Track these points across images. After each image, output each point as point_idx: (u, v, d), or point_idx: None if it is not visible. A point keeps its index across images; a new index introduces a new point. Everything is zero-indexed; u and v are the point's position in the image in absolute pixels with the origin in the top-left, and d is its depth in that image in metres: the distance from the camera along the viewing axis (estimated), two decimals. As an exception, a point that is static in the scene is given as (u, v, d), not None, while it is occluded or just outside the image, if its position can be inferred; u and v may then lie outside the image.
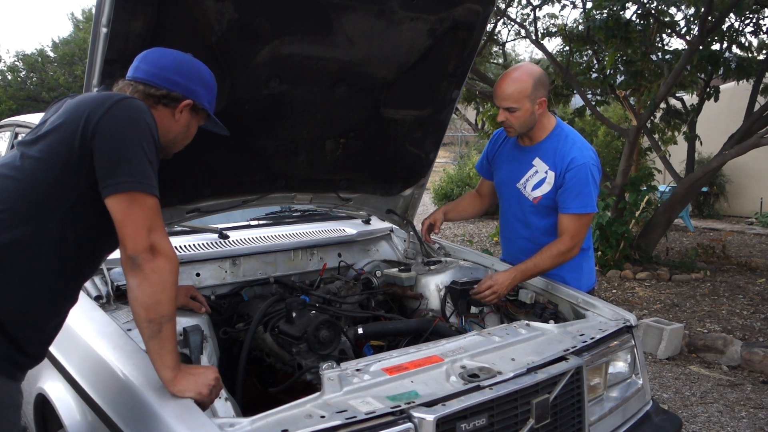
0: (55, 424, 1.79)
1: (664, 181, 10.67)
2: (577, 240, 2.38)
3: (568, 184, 2.36)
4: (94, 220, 1.45)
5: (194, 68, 1.61)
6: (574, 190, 2.35)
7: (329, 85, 2.29)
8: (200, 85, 1.61)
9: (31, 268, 1.39)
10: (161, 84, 1.54)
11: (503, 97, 2.36)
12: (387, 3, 2.10)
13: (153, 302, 1.36)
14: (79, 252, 1.47)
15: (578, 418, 1.82)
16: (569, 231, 2.37)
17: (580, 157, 2.36)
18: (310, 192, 2.70)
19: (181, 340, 1.87)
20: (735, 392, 3.81)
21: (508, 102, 2.34)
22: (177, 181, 2.23)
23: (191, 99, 1.58)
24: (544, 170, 2.43)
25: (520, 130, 2.43)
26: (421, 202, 3.23)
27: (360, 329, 2.19)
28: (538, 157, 2.45)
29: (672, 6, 6.96)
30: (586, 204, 2.35)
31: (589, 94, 8.54)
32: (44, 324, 1.47)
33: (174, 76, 1.56)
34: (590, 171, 2.36)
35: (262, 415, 1.38)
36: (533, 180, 2.46)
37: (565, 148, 2.40)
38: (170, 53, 1.59)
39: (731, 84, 8.45)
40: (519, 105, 2.33)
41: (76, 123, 1.40)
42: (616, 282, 6.26)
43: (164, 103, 1.55)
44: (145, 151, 1.40)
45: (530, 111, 2.36)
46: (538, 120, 2.41)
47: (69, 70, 19.03)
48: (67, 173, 1.40)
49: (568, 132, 2.47)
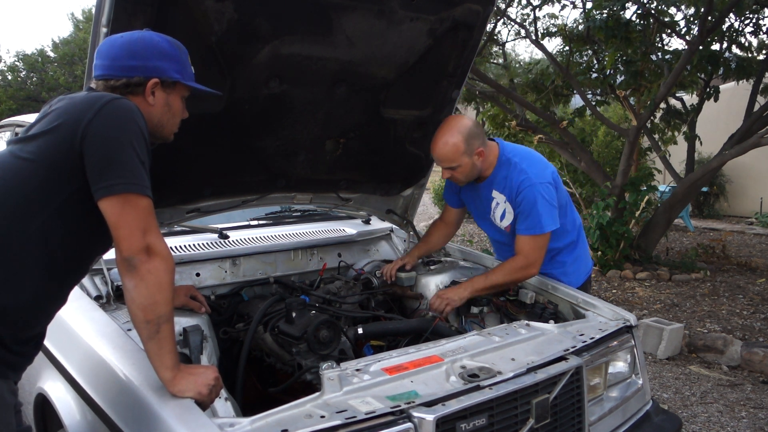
0: (55, 424, 1.79)
1: (664, 181, 10.67)
2: (533, 259, 2.37)
3: (519, 208, 2.39)
4: (79, 224, 1.44)
5: (148, 45, 1.52)
6: (523, 213, 2.38)
7: (329, 85, 2.29)
8: (160, 59, 1.53)
9: (13, 268, 1.38)
10: (118, 74, 1.49)
11: (440, 159, 2.39)
12: (387, 3, 2.10)
13: (150, 303, 1.35)
14: (65, 255, 1.45)
15: (578, 418, 1.82)
16: (523, 251, 2.38)
17: (525, 180, 2.36)
18: (310, 192, 2.70)
19: (181, 340, 1.87)
20: (735, 392, 3.81)
21: (447, 163, 2.37)
22: (177, 181, 2.23)
23: (156, 77, 1.52)
24: (503, 200, 2.46)
25: (468, 180, 2.46)
26: (421, 202, 3.24)
27: (360, 329, 2.19)
28: (495, 189, 2.48)
29: (672, 6, 6.96)
30: (534, 225, 2.34)
31: (589, 94, 8.55)
32: (30, 324, 1.45)
33: (128, 61, 1.50)
34: (537, 191, 2.34)
35: (262, 415, 1.38)
36: (497, 211, 2.50)
37: (512, 175, 2.40)
38: (119, 39, 1.52)
39: (731, 84, 8.45)
40: (458, 163, 2.35)
41: (67, 126, 1.38)
42: (616, 282, 6.26)
43: (130, 91, 1.50)
44: (136, 151, 1.38)
45: (470, 164, 2.37)
46: (481, 163, 2.41)
47: (69, 70, 19.05)
48: (54, 175, 1.39)
49: (512, 155, 2.44)
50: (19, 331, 1.43)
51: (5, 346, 1.40)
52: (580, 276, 2.63)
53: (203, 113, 2.07)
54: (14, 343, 1.42)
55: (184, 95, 1.63)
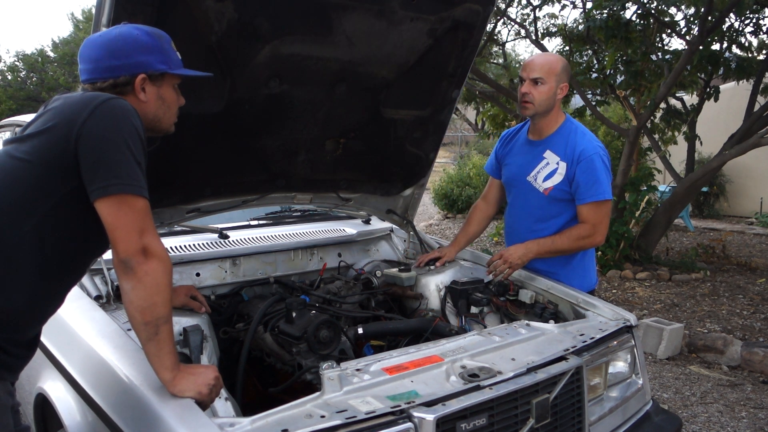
0: (55, 424, 1.79)
1: (664, 181, 10.66)
2: (600, 228, 2.40)
3: (582, 175, 2.39)
4: (75, 225, 1.43)
5: (128, 41, 1.49)
6: (587, 180, 2.38)
7: (329, 85, 2.29)
8: (142, 53, 1.49)
9: (8, 269, 1.37)
10: (104, 76, 1.48)
11: (532, 68, 2.41)
12: (387, 3, 2.10)
13: (148, 305, 1.34)
14: (60, 256, 1.44)
15: (578, 418, 1.82)
16: (589, 219, 2.39)
17: (590, 148, 2.41)
18: (310, 192, 2.70)
19: (181, 340, 1.87)
20: (735, 392, 3.81)
21: (537, 72, 2.39)
22: (177, 181, 2.23)
23: (141, 72, 1.49)
24: (555, 161, 2.46)
25: (538, 109, 2.44)
26: (421, 202, 3.23)
27: (360, 329, 2.19)
28: (549, 150, 2.49)
29: (672, 6, 6.96)
30: (599, 191, 2.38)
31: (589, 94, 8.54)
32: (24, 325, 1.44)
33: (110, 61, 1.47)
34: (600, 159, 2.40)
35: (262, 415, 1.38)
36: (544, 171, 2.48)
37: (575, 139, 2.45)
38: (97, 39, 1.50)
39: (731, 84, 8.45)
40: (546, 78, 2.38)
41: (62, 126, 1.37)
42: (616, 282, 6.26)
43: (119, 91, 1.48)
44: (132, 151, 1.37)
45: (553, 90, 2.41)
46: (554, 108, 2.46)
47: (69, 70, 19.07)
48: (49, 175, 1.38)
49: (578, 125, 2.53)
50: (14, 333, 1.42)
51: (4, 350, 1.40)
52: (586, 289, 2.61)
53: (203, 113, 2.07)
54: (9, 345, 1.41)
55: (176, 83, 1.60)
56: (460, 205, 10.72)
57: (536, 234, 2.51)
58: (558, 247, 2.40)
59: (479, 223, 2.84)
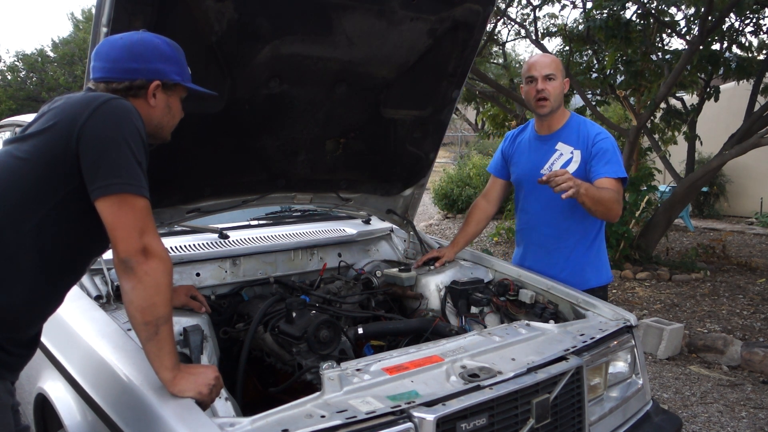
0: (55, 424, 1.79)
1: (664, 181, 10.66)
2: (621, 203, 2.41)
3: (597, 154, 2.44)
4: (75, 224, 1.43)
5: (148, 47, 1.51)
6: (603, 158, 2.42)
7: (329, 85, 2.29)
8: (161, 61, 1.52)
9: (8, 268, 1.38)
10: (120, 77, 1.49)
11: (543, 65, 2.48)
12: (387, 3, 2.10)
13: (148, 305, 1.34)
14: (61, 255, 1.45)
15: (578, 418, 1.82)
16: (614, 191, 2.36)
17: (603, 132, 2.50)
18: (310, 192, 2.70)
19: (181, 340, 1.87)
20: (735, 392, 3.81)
21: (548, 69, 2.47)
22: (177, 181, 2.23)
23: (157, 79, 1.52)
24: (569, 151, 2.50)
25: (554, 104, 2.50)
26: (421, 202, 3.23)
27: (360, 329, 2.19)
28: (561, 141, 2.54)
29: (672, 6, 6.96)
30: (617, 169, 2.41)
31: (589, 94, 8.54)
32: (24, 324, 1.45)
33: (129, 64, 1.49)
34: (613, 141, 2.47)
35: (262, 415, 1.38)
36: (559, 162, 2.51)
37: (587, 128, 2.53)
38: (119, 41, 1.51)
39: (731, 84, 8.45)
40: (556, 74, 2.48)
41: (63, 126, 1.37)
42: (616, 282, 6.25)
43: (132, 94, 1.50)
44: (132, 151, 1.37)
45: (561, 85, 2.50)
46: (562, 103, 2.53)
47: (69, 70, 19.06)
48: (49, 175, 1.38)
49: (584, 118, 2.62)
50: (14, 332, 1.42)
51: (4, 349, 1.40)
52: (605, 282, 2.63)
53: (203, 113, 2.07)
54: (9, 344, 1.41)
55: (183, 96, 1.63)
56: (460, 205, 10.72)
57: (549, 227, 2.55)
58: (599, 196, 2.28)
59: (479, 223, 2.84)
